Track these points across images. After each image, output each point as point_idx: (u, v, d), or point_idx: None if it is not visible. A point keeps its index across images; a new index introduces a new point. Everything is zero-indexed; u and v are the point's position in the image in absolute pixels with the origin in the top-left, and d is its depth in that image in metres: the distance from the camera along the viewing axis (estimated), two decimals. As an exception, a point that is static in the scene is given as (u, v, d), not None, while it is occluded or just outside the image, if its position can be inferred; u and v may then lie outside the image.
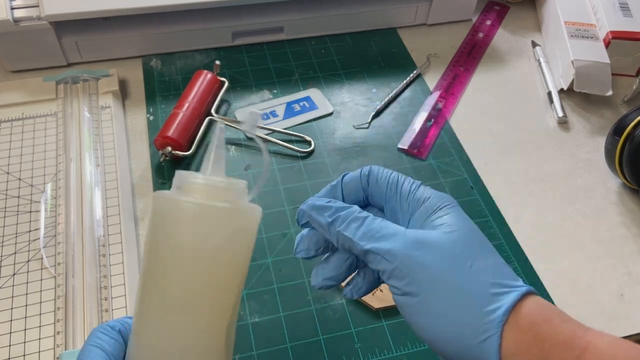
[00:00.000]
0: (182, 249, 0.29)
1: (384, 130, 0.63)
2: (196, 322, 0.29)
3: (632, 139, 0.54)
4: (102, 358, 0.29)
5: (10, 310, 0.45)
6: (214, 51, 0.70)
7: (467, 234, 0.30)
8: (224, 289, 0.30)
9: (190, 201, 0.29)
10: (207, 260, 0.29)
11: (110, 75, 0.62)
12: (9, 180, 0.54)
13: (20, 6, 0.61)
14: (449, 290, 0.27)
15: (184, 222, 0.29)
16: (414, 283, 0.28)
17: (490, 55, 0.73)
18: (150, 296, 0.30)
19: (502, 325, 0.26)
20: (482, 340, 0.26)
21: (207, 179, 0.30)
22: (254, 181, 0.56)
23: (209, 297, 0.30)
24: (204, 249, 0.29)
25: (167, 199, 0.30)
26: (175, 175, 0.31)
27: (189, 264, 0.29)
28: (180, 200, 0.29)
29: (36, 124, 0.58)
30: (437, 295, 0.27)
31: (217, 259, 0.29)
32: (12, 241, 0.49)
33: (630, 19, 0.69)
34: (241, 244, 0.31)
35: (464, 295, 0.27)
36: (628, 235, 0.55)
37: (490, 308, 0.26)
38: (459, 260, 0.28)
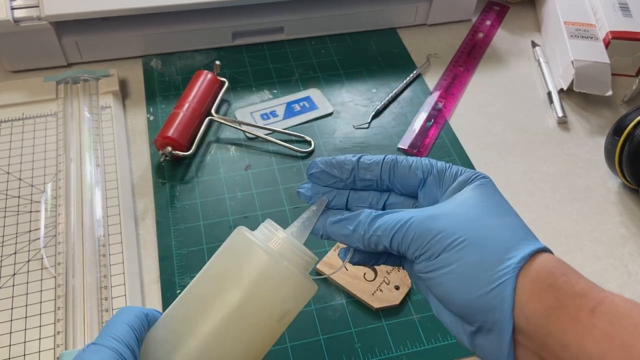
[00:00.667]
0: (241, 287, 0.32)
1: (384, 130, 0.63)
2: (227, 352, 0.32)
3: (631, 139, 0.54)
4: (131, 334, 0.31)
5: (10, 310, 0.45)
6: (214, 51, 0.70)
7: (485, 200, 0.31)
8: (258, 339, 0.33)
9: (266, 250, 0.32)
10: (255, 306, 0.32)
11: (111, 76, 0.62)
12: (9, 180, 0.54)
13: (20, 6, 0.61)
14: (465, 247, 0.28)
15: (254, 265, 0.32)
16: (432, 248, 0.29)
17: (490, 56, 0.73)
18: (195, 311, 0.32)
19: (517, 270, 0.27)
20: (500, 283, 0.27)
21: (290, 239, 0.33)
22: (253, 181, 0.56)
23: (242, 338, 0.32)
24: (258, 294, 0.32)
25: (246, 238, 0.33)
26: (265, 220, 0.34)
27: (240, 303, 0.32)
28: (259, 245, 0.32)
29: (36, 124, 0.58)
30: (454, 252, 0.29)
31: (265, 309, 0.32)
32: (12, 241, 0.50)
33: (630, 19, 0.69)
34: (289, 309, 0.33)
35: (480, 249, 0.28)
36: (628, 235, 0.55)
37: (506, 256, 0.27)
38: (473, 221, 0.29)
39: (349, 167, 0.35)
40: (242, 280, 0.32)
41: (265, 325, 0.33)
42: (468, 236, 0.29)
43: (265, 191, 0.56)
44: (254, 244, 0.32)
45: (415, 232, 0.30)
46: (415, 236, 0.30)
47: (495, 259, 0.28)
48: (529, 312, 0.27)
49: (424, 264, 0.30)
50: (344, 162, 0.35)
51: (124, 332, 0.30)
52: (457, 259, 0.28)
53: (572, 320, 0.26)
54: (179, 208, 0.54)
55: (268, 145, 0.60)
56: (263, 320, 0.32)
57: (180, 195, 0.55)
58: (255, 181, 0.56)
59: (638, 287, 0.51)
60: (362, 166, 0.35)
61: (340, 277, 0.48)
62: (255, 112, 0.63)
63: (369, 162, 0.35)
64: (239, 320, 0.32)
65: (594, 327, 0.25)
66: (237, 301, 0.32)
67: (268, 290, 0.32)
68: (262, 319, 0.32)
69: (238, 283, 0.32)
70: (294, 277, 0.33)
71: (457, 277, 0.28)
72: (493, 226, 0.29)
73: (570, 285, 0.26)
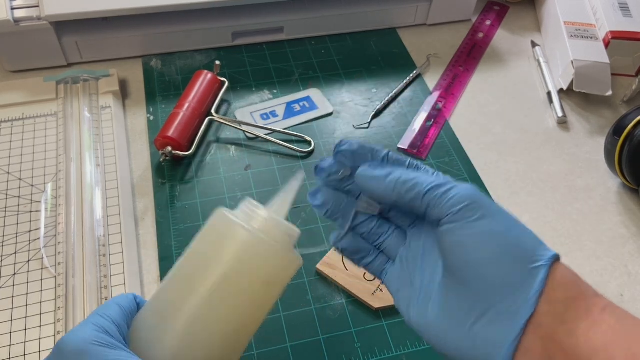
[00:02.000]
0: (224, 265, 0.32)
1: (384, 130, 0.63)
2: (211, 327, 0.32)
3: (631, 138, 0.54)
4: (118, 312, 0.32)
5: (10, 310, 0.45)
6: (214, 51, 0.70)
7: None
8: (244, 317, 0.33)
9: (246, 227, 0.32)
10: (239, 285, 0.32)
11: (111, 76, 0.62)
12: (10, 180, 0.54)
13: (20, 6, 0.61)
14: (504, 230, 0.30)
15: (236, 244, 0.32)
16: (482, 209, 0.30)
17: (490, 56, 0.73)
18: (179, 291, 0.32)
19: (551, 261, 0.29)
20: (537, 266, 0.29)
21: (270, 216, 0.33)
22: (253, 181, 0.56)
23: (227, 317, 0.32)
24: (241, 271, 0.32)
25: (227, 218, 0.33)
26: (244, 200, 0.34)
27: (224, 281, 0.31)
28: (239, 223, 0.32)
29: (36, 124, 0.58)
30: (495, 222, 0.30)
31: (250, 286, 0.32)
32: (12, 241, 0.50)
33: (630, 19, 0.69)
34: (275, 283, 0.33)
35: (517, 237, 0.30)
36: (627, 235, 0.55)
37: (540, 249, 0.30)
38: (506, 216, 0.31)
39: (380, 155, 0.34)
40: (225, 260, 0.32)
41: (251, 303, 0.33)
42: (504, 227, 0.30)
43: (265, 191, 0.56)
44: (235, 224, 0.32)
45: (459, 193, 0.30)
46: (458, 197, 0.30)
47: (532, 247, 0.29)
48: (553, 299, 0.28)
49: (448, 226, 0.30)
50: (376, 150, 0.34)
51: (112, 311, 0.31)
52: (499, 231, 0.29)
53: (586, 312, 0.28)
54: (179, 208, 0.54)
55: (268, 145, 0.60)
56: (248, 297, 0.32)
57: (180, 195, 0.55)
58: (255, 181, 0.56)
59: (638, 287, 0.51)
60: (391, 160, 0.34)
61: (340, 277, 0.48)
62: (255, 112, 0.63)
63: (396, 158, 0.34)
64: (223, 298, 0.31)
65: (602, 321, 0.28)
66: (220, 280, 0.31)
67: (252, 268, 0.32)
68: (247, 296, 0.32)
69: (221, 262, 0.32)
70: (277, 253, 0.33)
71: (497, 246, 0.29)
72: (522, 226, 0.31)
73: (587, 287, 0.29)
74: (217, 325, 0.32)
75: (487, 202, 0.30)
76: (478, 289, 0.29)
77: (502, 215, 0.30)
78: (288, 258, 0.34)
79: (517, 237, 0.30)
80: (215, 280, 0.31)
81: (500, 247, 0.29)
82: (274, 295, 0.34)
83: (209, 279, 0.31)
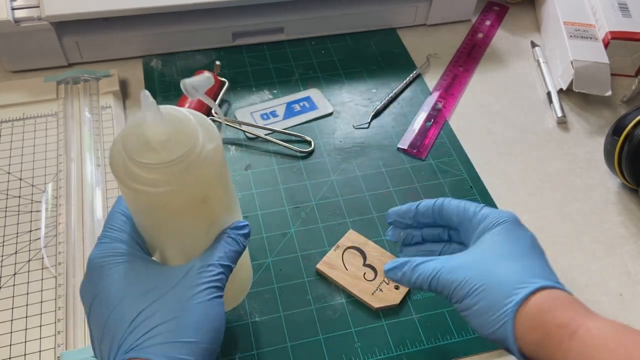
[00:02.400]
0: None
1: (384, 130, 0.63)
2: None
3: (631, 138, 0.54)
4: (123, 220, 0.35)
5: (11, 309, 0.45)
6: (215, 51, 0.70)
7: (500, 247, 0.38)
8: (195, 222, 0.34)
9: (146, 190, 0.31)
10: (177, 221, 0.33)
11: (111, 76, 0.63)
12: (10, 180, 0.54)
13: (21, 7, 0.61)
14: (478, 294, 0.36)
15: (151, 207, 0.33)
16: (457, 295, 0.37)
17: (489, 56, 0.73)
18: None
19: (513, 313, 0.34)
20: (502, 324, 0.34)
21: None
22: (253, 181, 0.56)
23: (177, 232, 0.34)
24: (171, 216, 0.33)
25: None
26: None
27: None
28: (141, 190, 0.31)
29: (37, 124, 0.59)
30: (471, 299, 0.36)
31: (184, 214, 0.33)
32: (12, 241, 0.50)
33: (629, 19, 0.69)
34: (205, 189, 0.33)
35: (489, 294, 0.35)
36: (627, 235, 0.55)
37: (507, 301, 0.34)
38: (486, 271, 0.36)
39: (411, 214, 0.44)
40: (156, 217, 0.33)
41: (196, 216, 0.33)
42: (481, 284, 0.36)
43: (265, 191, 0.56)
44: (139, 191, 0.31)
45: (443, 282, 0.37)
46: (444, 285, 0.37)
47: (499, 304, 0.35)
48: (527, 342, 0.34)
49: (455, 305, 0.37)
50: (406, 211, 0.44)
51: (120, 221, 0.35)
52: (474, 303, 0.36)
53: (556, 347, 0.32)
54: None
55: (268, 145, 0.60)
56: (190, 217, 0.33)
57: (181, 195, 0.55)
58: (255, 181, 0.56)
59: (637, 286, 0.51)
60: (419, 212, 0.44)
61: (340, 276, 0.48)
62: (255, 112, 0.63)
63: (424, 208, 0.44)
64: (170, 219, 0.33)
65: (571, 350, 0.32)
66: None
67: (173, 210, 0.32)
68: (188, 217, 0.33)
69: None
70: (180, 192, 0.31)
71: (476, 318, 0.36)
72: (502, 273, 0.36)
73: (554, 318, 0.33)
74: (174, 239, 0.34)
75: (463, 277, 0.37)
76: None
77: (478, 278, 0.36)
78: (195, 173, 0.30)
79: (489, 299, 0.35)
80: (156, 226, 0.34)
81: (478, 318, 0.36)
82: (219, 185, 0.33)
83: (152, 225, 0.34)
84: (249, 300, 0.47)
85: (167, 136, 0.30)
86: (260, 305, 0.47)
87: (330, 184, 0.57)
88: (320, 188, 0.56)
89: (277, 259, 0.50)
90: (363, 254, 0.49)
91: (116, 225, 0.35)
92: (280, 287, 0.49)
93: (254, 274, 0.48)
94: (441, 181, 0.58)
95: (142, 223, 0.35)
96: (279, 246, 0.51)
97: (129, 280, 0.32)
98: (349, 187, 0.57)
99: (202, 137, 0.31)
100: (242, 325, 0.46)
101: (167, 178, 0.30)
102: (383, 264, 0.47)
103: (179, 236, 0.34)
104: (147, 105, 0.29)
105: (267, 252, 0.51)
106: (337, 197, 0.56)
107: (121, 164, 0.30)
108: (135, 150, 0.29)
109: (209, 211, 0.34)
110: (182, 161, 0.30)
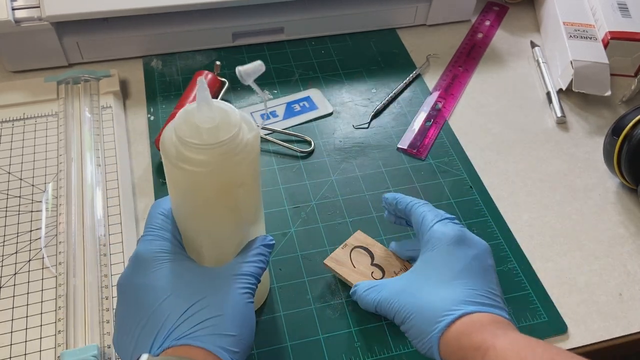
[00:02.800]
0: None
1: (384, 130, 0.63)
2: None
3: (630, 138, 0.54)
4: (165, 220, 0.39)
5: (11, 309, 0.45)
6: (215, 51, 0.70)
7: (433, 269, 0.41)
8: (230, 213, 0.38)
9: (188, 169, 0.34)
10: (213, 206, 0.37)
11: (111, 76, 0.63)
12: (10, 180, 0.54)
13: (21, 7, 0.61)
14: (412, 319, 0.39)
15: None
16: (396, 319, 0.41)
17: (489, 56, 0.74)
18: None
19: (437, 339, 0.37)
20: (429, 348, 0.38)
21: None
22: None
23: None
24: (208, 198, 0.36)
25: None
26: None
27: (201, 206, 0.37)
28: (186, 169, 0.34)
29: (37, 124, 0.59)
30: (407, 324, 0.40)
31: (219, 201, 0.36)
32: (13, 241, 0.50)
33: (629, 19, 0.70)
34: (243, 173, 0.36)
35: (421, 320, 0.39)
36: (626, 234, 0.55)
37: (432, 328, 0.38)
38: (420, 297, 0.40)
39: (392, 208, 0.48)
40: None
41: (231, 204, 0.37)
42: (413, 312, 0.39)
43: (265, 191, 0.56)
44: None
45: (385, 309, 0.41)
46: (386, 311, 0.41)
47: (427, 330, 0.38)
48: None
49: (400, 327, 0.41)
50: (389, 204, 0.48)
51: (161, 222, 0.39)
52: (408, 328, 0.39)
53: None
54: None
55: (268, 145, 0.60)
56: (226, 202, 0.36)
57: (181, 195, 0.55)
58: (256, 181, 0.57)
59: (636, 286, 0.51)
60: (397, 209, 0.48)
61: (348, 273, 0.47)
62: (255, 112, 0.63)
63: (400, 206, 0.47)
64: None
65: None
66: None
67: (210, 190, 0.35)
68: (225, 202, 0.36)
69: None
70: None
71: (412, 340, 0.40)
72: (432, 299, 0.39)
73: (470, 342, 0.36)
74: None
75: (398, 305, 0.41)
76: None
77: (412, 305, 0.40)
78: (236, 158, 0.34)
79: (421, 324, 0.39)
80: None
81: (414, 340, 0.39)
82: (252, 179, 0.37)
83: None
84: (249, 299, 0.48)
85: (214, 124, 0.33)
86: (260, 305, 0.47)
87: (330, 184, 0.57)
88: (320, 188, 0.56)
89: (277, 258, 0.51)
90: (371, 254, 0.49)
91: (158, 224, 0.39)
92: (280, 287, 0.49)
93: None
94: (441, 181, 0.58)
95: (182, 209, 0.38)
96: (279, 246, 0.51)
97: (176, 276, 0.36)
98: (348, 187, 0.57)
99: (243, 127, 0.35)
100: (242, 325, 0.46)
101: (211, 159, 0.33)
102: (391, 265, 0.48)
103: (213, 225, 0.38)
104: (201, 95, 0.33)
105: (267, 251, 0.51)
106: (337, 197, 0.56)
107: (172, 146, 0.34)
108: (186, 134, 0.33)
109: (242, 201, 0.37)
110: (225, 144, 0.33)
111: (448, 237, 0.42)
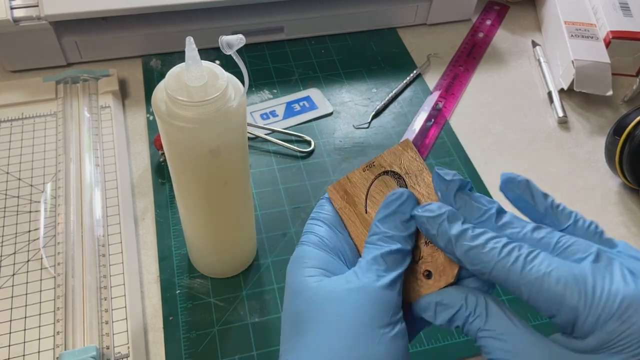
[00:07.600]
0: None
1: (384, 130, 0.63)
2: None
3: (632, 138, 0.54)
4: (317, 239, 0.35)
5: (9, 310, 0.45)
6: (215, 51, 0.70)
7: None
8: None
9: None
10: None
11: (110, 75, 0.62)
12: (9, 180, 0.54)
13: (20, 6, 0.61)
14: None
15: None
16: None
17: (490, 55, 0.73)
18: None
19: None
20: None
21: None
22: (253, 181, 0.56)
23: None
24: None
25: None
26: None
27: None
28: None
29: (36, 124, 0.58)
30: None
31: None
32: (11, 241, 0.49)
33: (630, 18, 0.69)
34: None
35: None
36: (628, 235, 0.55)
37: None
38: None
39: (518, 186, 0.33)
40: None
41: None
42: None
43: (265, 191, 0.55)
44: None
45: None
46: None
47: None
48: None
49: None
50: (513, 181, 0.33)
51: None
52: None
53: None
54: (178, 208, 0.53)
55: (268, 145, 0.60)
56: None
57: (180, 195, 0.54)
58: (255, 181, 0.56)
59: (638, 287, 0.51)
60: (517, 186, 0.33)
61: (350, 219, 0.36)
62: (255, 112, 0.63)
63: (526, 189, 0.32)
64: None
65: None
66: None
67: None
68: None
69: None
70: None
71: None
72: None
73: None
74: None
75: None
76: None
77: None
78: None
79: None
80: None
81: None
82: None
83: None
84: (248, 300, 0.47)
85: (202, 83, 0.35)
86: (260, 305, 0.47)
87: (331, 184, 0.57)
88: (320, 188, 0.56)
89: (277, 259, 0.50)
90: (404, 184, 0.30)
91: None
92: (281, 287, 0.48)
93: (253, 273, 0.48)
94: (441, 181, 0.57)
95: (175, 165, 0.40)
96: (279, 246, 0.51)
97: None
98: (349, 187, 0.56)
99: (230, 89, 0.37)
100: (242, 325, 0.46)
101: (199, 116, 0.35)
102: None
103: (204, 187, 0.40)
104: (189, 55, 0.35)
105: (267, 252, 0.51)
106: (337, 197, 0.55)
107: (162, 103, 0.36)
108: (175, 91, 0.35)
109: (228, 160, 0.39)
110: (212, 103, 0.35)
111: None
